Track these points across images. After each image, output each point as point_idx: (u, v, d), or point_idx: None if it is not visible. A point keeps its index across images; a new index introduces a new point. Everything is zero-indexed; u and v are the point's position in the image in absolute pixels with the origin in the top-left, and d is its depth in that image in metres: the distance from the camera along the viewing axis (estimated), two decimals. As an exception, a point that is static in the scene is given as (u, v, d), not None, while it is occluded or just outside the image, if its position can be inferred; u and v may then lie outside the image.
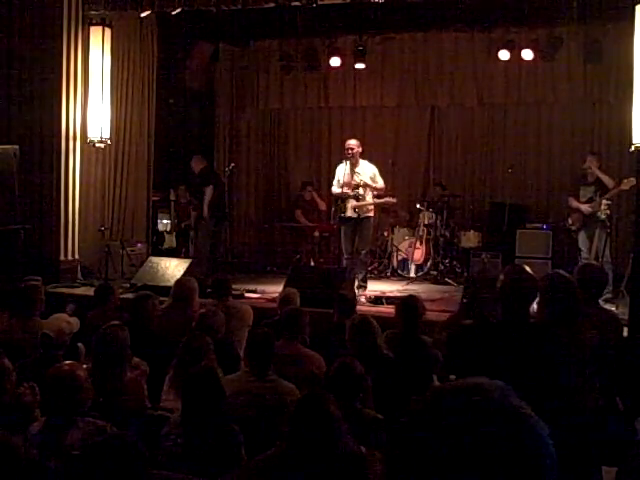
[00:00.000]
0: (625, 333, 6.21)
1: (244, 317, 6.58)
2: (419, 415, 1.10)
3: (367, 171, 8.99)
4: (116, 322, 5.10)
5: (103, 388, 4.30)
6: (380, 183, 9.01)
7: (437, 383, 5.20)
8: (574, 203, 9.42)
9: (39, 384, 4.14)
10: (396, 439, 1.11)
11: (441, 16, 10.99)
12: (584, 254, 9.19)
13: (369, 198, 9.01)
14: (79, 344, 5.67)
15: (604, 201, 9.07)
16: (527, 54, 11.10)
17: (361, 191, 8.89)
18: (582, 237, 9.33)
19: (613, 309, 7.10)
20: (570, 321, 4.06)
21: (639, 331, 6.25)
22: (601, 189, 9.20)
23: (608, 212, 9.03)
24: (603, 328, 4.46)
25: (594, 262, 8.32)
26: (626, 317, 6.66)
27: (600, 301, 5.59)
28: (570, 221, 9.50)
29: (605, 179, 9.22)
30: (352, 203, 8.88)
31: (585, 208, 9.25)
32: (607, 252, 8.93)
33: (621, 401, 4.43)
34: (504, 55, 11.19)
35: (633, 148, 7.72)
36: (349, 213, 8.92)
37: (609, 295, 8.18)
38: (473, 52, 11.78)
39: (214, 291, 6.73)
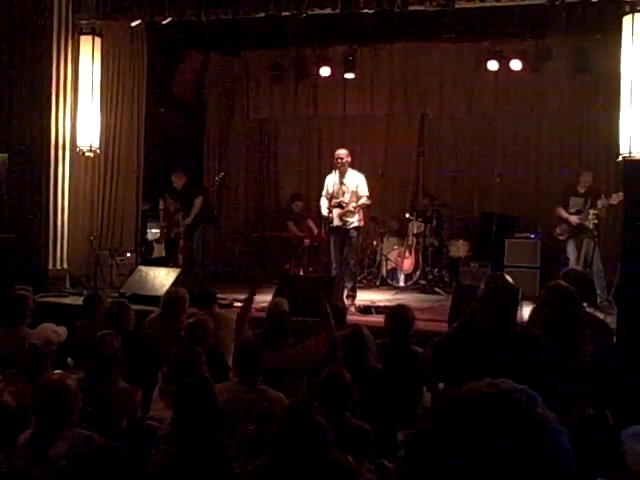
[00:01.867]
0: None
1: (231, 327, 6.55)
2: (441, 422, 1.08)
3: (353, 180, 9.03)
4: (109, 331, 5.09)
5: (95, 397, 4.28)
6: (362, 193, 9.00)
7: (427, 393, 5.21)
8: (563, 213, 9.44)
9: (27, 394, 4.12)
10: (416, 446, 1.10)
11: (430, 27, 11.03)
12: (572, 263, 9.21)
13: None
14: (68, 359, 5.67)
15: (591, 210, 9.11)
16: (516, 65, 11.16)
17: (345, 199, 8.93)
18: (571, 247, 9.36)
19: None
20: (571, 331, 4.08)
21: (626, 340, 6.26)
22: (592, 200, 9.22)
23: (596, 221, 9.06)
24: (594, 334, 4.48)
25: (577, 267, 8.39)
26: (614, 327, 6.67)
27: (590, 308, 5.62)
28: (558, 230, 9.52)
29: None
30: (338, 211, 8.93)
31: (574, 219, 9.28)
32: (598, 261, 8.95)
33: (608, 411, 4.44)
34: (493, 66, 11.25)
35: (620, 158, 7.76)
36: (336, 222, 8.96)
37: (606, 302, 8.28)
38: (462, 63, 11.84)
39: (199, 302, 6.70)
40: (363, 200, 9.03)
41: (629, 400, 4.80)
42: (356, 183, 9.01)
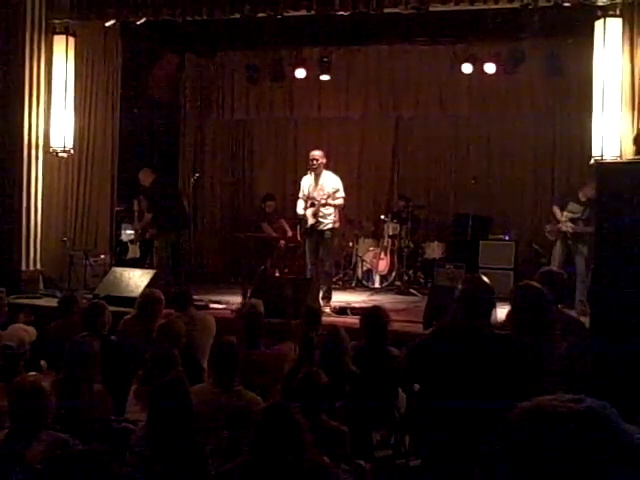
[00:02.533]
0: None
1: (207, 328, 6.53)
2: (527, 440, 1.07)
3: (329, 183, 9.03)
4: (87, 333, 5.06)
5: (72, 399, 4.25)
6: (338, 196, 9.00)
7: (402, 394, 5.23)
8: (557, 214, 9.34)
9: (1, 395, 4.09)
10: (500, 464, 1.09)
11: (405, 30, 11.09)
12: (552, 265, 9.22)
13: (329, 207, 9.03)
14: (42, 361, 5.63)
15: (565, 213, 9.15)
16: (490, 67, 11.24)
17: (317, 197, 8.94)
18: (556, 249, 9.33)
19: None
20: (540, 331, 4.11)
21: (600, 340, 6.34)
22: (589, 212, 9.11)
23: (569, 224, 9.09)
24: (569, 334, 4.51)
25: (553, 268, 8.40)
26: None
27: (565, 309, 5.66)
28: (548, 228, 9.48)
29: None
30: (311, 210, 8.95)
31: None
32: (582, 265, 8.84)
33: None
34: (467, 68, 11.32)
35: (592, 161, 7.84)
36: (310, 220, 8.97)
37: (582, 306, 8.33)
38: (437, 65, 11.88)
39: (175, 303, 6.67)
40: (338, 201, 9.04)
41: (602, 399, 4.85)
42: (332, 186, 9.00)
